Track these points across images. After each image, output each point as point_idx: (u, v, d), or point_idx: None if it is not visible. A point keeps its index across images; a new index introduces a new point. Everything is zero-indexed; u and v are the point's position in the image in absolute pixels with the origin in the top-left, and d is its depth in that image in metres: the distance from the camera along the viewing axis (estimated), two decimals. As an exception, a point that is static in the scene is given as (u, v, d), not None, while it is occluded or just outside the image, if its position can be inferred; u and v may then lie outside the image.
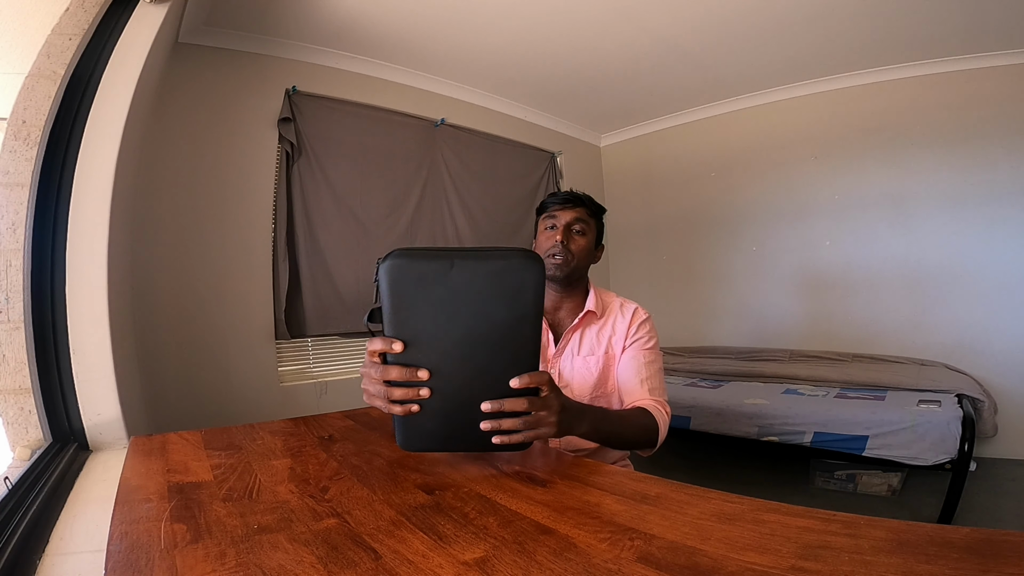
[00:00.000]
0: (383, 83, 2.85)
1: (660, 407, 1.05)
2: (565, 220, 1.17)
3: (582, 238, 1.18)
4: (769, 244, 3.49)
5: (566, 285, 1.19)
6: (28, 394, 1.04)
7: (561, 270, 1.15)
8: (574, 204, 1.19)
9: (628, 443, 1.02)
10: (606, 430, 0.91)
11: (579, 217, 1.18)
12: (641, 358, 1.13)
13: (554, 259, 1.15)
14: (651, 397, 1.08)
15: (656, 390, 1.10)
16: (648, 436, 1.01)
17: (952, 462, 1.91)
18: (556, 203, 1.19)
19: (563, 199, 1.19)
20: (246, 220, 2.36)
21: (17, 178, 1.07)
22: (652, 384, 1.10)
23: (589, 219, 1.20)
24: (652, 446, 1.03)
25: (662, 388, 1.12)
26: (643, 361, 1.13)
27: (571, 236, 1.16)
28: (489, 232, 3.29)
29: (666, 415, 1.05)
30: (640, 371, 1.11)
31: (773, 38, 2.66)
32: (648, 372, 1.11)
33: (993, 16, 2.37)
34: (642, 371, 1.11)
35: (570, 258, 1.15)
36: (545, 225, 1.20)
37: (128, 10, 1.34)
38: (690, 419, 2.55)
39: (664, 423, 1.03)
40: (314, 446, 0.89)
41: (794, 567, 0.43)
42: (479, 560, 0.47)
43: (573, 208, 1.18)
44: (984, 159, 2.78)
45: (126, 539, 0.52)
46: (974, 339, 2.77)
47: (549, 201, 1.22)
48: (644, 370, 1.11)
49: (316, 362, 2.60)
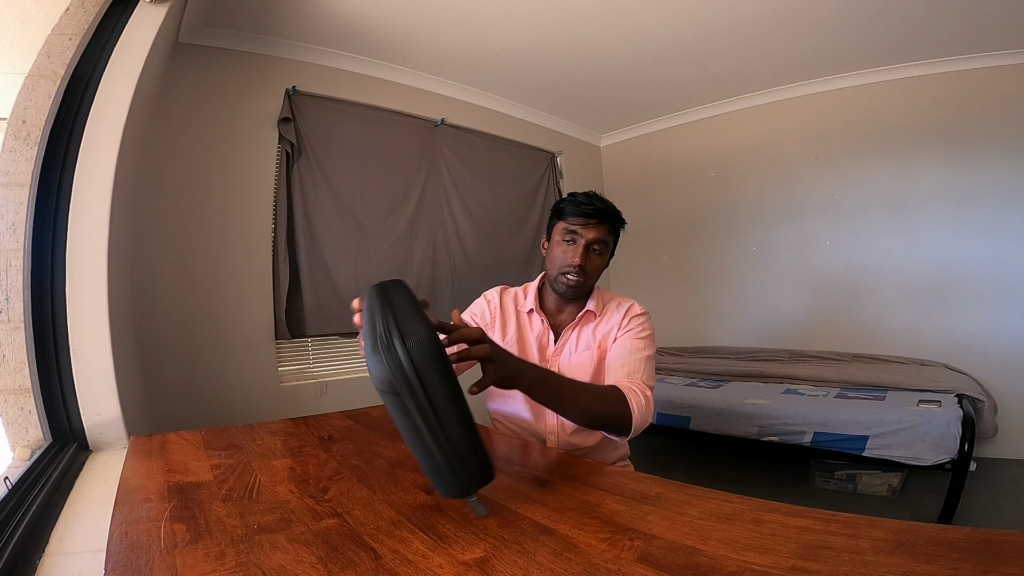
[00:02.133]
0: (383, 83, 2.85)
1: (637, 391, 0.97)
2: (587, 239, 1.10)
3: (600, 258, 1.14)
4: (769, 244, 3.49)
5: (577, 298, 1.18)
6: (28, 394, 1.04)
7: (573, 291, 1.13)
8: (599, 221, 1.11)
9: (590, 416, 0.91)
10: (558, 392, 0.85)
11: (601, 237, 1.11)
12: (628, 345, 1.09)
13: (568, 278, 1.12)
14: (628, 380, 1.01)
15: (636, 374, 1.03)
16: (615, 413, 0.92)
17: (952, 462, 1.91)
18: (579, 216, 1.11)
19: (588, 213, 1.10)
20: (246, 220, 2.36)
21: (17, 178, 1.07)
22: (632, 368, 1.04)
23: (610, 236, 1.14)
24: (623, 428, 0.93)
25: (646, 375, 1.04)
26: (629, 348, 1.08)
27: (589, 256, 1.12)
28: (489, 232, 3.29)
29: (644, 399, 0.95)
30: (624, 356, 1.06)
31: (773, 38, 2.66)
32: (632, 358, 1.06)
33: (993, 16, 2.37)
34: (626, 356, 1.06)
35: (584, 279, 1.12)
36: (563, 236, 1.13)
37: (128, 10, 1.34)
38: (690, 419, 2.54)
39: (640, 407, 0.94)
40: (314, 446, 0.89)
41: (794, 567, 0.43)
42: (479, 560, 0.47)
43: (597, 225, 1.11)
44: (984, 159, 2.78)
45: (126, 539, 0.53)
46: (974, 339, 2.77)
47: (572, 210, 1.12)
48: (628, 356, 1.06)
49: (316, 362, 2.60)
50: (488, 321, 1.22)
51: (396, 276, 0.73)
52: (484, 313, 1.23)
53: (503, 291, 1.27)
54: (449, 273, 3.08)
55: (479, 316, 1.23)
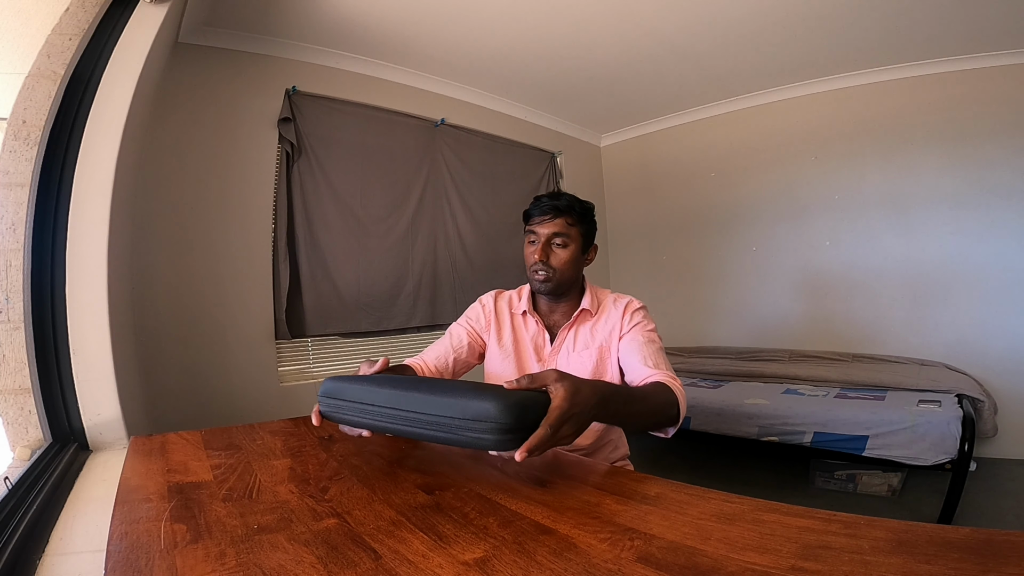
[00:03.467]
0: (383, 83, 2.85)
1: (673, 379, 0.96)
2: (545, 235, 1.12)
3: (564, 251, 1.13)
4: (769, 244, 3.49)
5: (557, 294, 1.18)
6: (28, 394, 1.04)
7: (545, 286, 1.14)
8: (554, 215, 1.12)
9: (650, 422, 0.89)
10: (624, 411, 0.81)
11: (558, 231, 1.12)
12: (640, 338, 1.09)
13: (536, 275, 1.13)
14: (659, 372, 0.99)
15: (661, 365, 1.02)
16: (670, 411, 0.90)
17: (952, 462, 1.91)
18: (535, 214, 1.14)
19: (542, 210, 1.13)
20: (246, 220, 2.36)
21: (17, 178, 1.07)
22: (656, 360, 1.03)
23: (571, 227, 1.13)
24: (675, 422, 0.91)
25: (668, 365, 1.04)
26: (642, 340, 1.08)
27: (551, 251, 1.12)
28: (490, 232, 3.30)
29: (680, 389, 0.94)
30: (641, 350, 1.06)
31: (773, 38, 2.66)
32: (650, 350, 1.06)
33: (993, 16, 2.37)
34: (643, 350, 1.06)
35: (552, 273, 1.12)
36: (528, 238, 1.16)
37: (128, 10, 1.34)
38: (690, 419, 2.54)
39: (682, 397, 0.93)
40: (314, 446, 0.89)
41: (794, 567, 0.43)
42: (479, 560, 0.47)
43: (552, 219, 1.12)
44: (983, 159, 2.78)
45: (126, 539, 0.53)
46: (974, 339, 2.77)
47: (530, 211, 1.15)
48: (645, 348, 1.06)
49: (316, 362, 2.60)
50: (484, 325, 1.22)
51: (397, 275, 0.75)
52: (479, 317, 1.23)
53: (498, 295, 1.27)
54: (450, 273, 3.09)
55: (474, 320, 1.23)
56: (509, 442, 0.61)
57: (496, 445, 0.61)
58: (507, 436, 0.60)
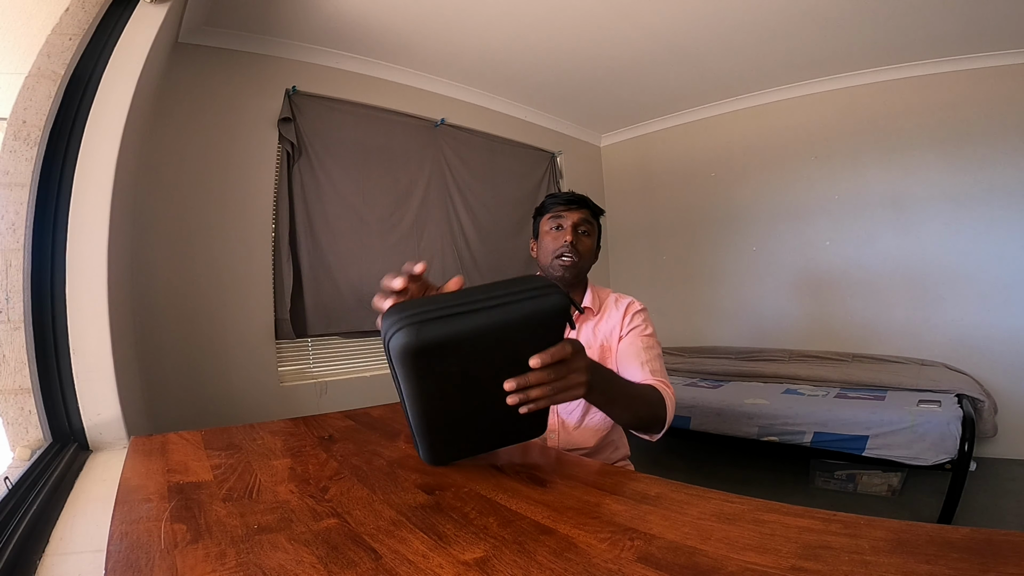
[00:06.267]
0: (383, 83, 2.85)
1: (666, 387, 1.00)
2: (572, 220, 1.17)
3: (588, 239, 1.19)
4: (769, 244, 3.49)
5: (568, 285, 1.19)
6: (28, 394, 1.04)
7: (570, 271, 1.16)
8: (579, 205, 1.18)
9: (639, 418, 0.93)
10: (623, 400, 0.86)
11: (584, 218, 1.18)
12: (639, 343, 1.11)
13: (563, 260, 1.15)
14: (654, 378, 1.03)
15: (657, 372, 1.06)
16: (656, 414, 0.94)
17: (952, 462, 1.91)
18: (560, 203, 1.19)
19: (567, 200, 1.19)
20: (246, 220, 2.36)
21: (17, 178, 1.07)
22: (653, 367, 1.06)
23: (592, 221, 1.20)
24: (660, 427, 0.96)
25: (663, 372, 1.08)
26: (641, 346, 1.10)
27: (578, 236, 1.17)
28: (492, 231, 3.30)
29: (672, 397, 0.99)
30: (639, 355, 1.08)
31: (773, 38, 2.66)
32: (648, 356, 1.08)
33: (993, 16, 2.37)
34: (641, 355, 1.08)
35: (578, 258, 1.16)
36: (550, 225, 1.19)
37: (128, 10, 1.34)
38: (690, 419, 2.54)
39: (671, 405, 0.98)
40: (314, 446, 0.89)
41: (794, 567, 0.43)
42: (479, 560, 0.47)
43: (578, 209, 1.18)
44: (984, 159, 2.78)
45: (126, 539, 0.53)
46: (974, 339, 2.77)
47: (552, 202, 1.20)
48: (643, 354, 1.08)
49: (316, 362, 2.60)
50: None
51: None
52: None
53: None
54: (456, 272, 3.09)
55: None
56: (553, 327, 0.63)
57: (547, 319, 0.62)
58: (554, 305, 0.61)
